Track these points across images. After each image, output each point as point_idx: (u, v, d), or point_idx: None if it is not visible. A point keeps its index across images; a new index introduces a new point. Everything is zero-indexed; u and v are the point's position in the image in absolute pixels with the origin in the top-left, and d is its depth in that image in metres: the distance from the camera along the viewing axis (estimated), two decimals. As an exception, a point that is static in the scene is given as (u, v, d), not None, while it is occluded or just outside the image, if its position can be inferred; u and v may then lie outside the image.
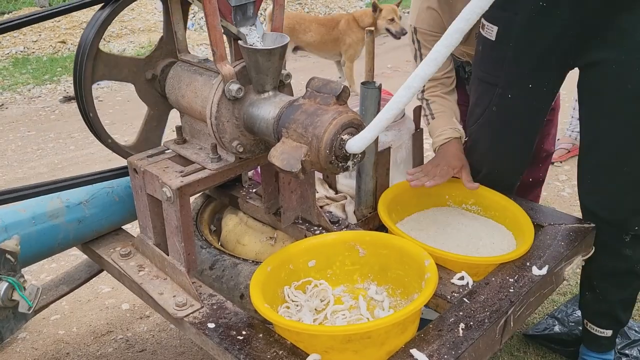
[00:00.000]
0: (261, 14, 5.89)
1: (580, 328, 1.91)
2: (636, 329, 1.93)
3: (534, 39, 1.47)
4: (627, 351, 1.87)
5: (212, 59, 1.25)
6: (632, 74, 1.39)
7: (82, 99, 1.33)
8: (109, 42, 6.16)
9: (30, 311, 1.04)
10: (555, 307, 2.11)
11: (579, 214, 1.66)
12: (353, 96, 1.45)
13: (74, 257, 2.48)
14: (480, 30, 1.60)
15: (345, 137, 1.08)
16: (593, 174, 1.57)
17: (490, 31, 1.54)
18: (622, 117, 1.44)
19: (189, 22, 6.46)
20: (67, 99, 4.74)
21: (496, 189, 1.68)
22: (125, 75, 1.40)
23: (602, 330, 1.74)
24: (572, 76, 1.58)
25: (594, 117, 1.52)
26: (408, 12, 2.29)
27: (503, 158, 1.71)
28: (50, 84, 5.19)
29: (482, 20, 1.57)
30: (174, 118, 1.47)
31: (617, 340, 1.85)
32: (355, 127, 1.11)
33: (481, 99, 1.65)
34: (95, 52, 1.30)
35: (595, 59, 1.45)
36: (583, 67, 1.51)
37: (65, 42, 6.09)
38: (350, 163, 1.13)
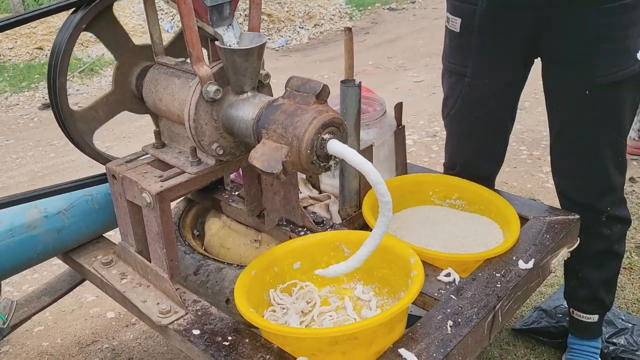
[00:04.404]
0: (240, 14, 5.85)
1: (568, 319, 1.91)
2: (622, 317, 1.95)
3: (494, 28, 1.52)
4: (614, 340, 1.89)
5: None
6: (584, 64, 1.44)
7: (57, 103, 1.30)
8: (87, 47, 6.07)
9: (6, 326, 1.01)
10: (542, 299, 2.11)
11: (562, 205, 1.67)
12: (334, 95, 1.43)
13: (56, 267, 2.44)
14: (446, 23, 1.63)
15: (326, 136, 1.07)
16: (563, 160, 1.63)
17: (455, 23, 1.59)
18: (582, 106, 1.50)
19: (168, 25, 6.39)
20: (46, 106, 4.67)
21: (475, 180, 1.68)
22: (107, 114, 1.40)
23: (588, 315, 1.77)
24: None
25: (559, 106, 1.57)
26: None
27: (478, 148, 1.73)
28: (27, 91, 5.11)
29: (447, 14, 1.62)
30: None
31: (604, 329, 1.86)
32: (336, 126, 1.09)
33: (452, 89, 1.69)
34: (72, 118, 1.31)
35: (553, 48, 1.50)
36: (544, 57, 1.55)
37: (42, 49, 5.99)
38: (332, 162, 1.11)
